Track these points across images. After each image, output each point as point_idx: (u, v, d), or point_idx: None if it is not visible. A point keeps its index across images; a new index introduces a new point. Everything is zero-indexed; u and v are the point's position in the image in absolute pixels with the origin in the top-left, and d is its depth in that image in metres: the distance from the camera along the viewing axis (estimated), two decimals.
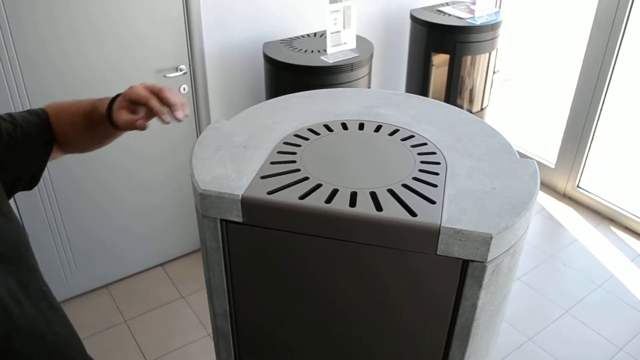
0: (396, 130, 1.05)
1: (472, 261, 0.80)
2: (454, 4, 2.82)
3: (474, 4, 2.73)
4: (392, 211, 0.81)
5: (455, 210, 0.82)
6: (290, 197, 0.84)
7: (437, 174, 0.91)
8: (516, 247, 0.86)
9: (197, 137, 2.35)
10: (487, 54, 2.70)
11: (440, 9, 2.72)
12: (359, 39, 2.33)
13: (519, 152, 3.10)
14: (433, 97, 2.77)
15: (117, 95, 0.97)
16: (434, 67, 2.68)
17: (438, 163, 0.95)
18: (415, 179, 0.90)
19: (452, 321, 0.88)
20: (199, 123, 2.34)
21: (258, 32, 2.34)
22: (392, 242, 0.81)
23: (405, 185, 0.88)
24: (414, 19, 2.64)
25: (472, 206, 0.83)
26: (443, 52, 2.62)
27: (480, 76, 2.77)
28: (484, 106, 2.90)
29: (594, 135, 2.83)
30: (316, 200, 0.83)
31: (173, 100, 0.92)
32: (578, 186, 2.97)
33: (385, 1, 2.71)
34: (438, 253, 0.80)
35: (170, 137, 2.28)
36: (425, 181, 0.89)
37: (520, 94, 4.39)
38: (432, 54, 2.63)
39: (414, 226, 0.79)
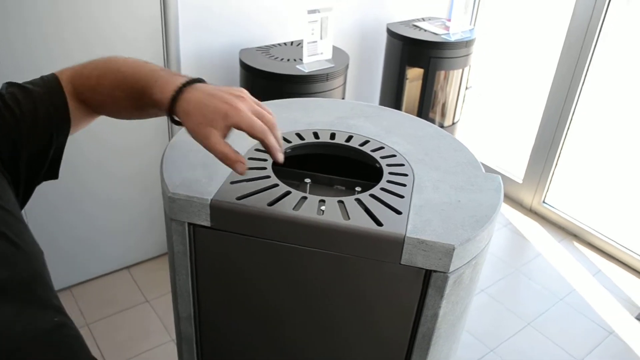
0: (366, 141, 1.07)
1: (435, 271, 0.82)
2: (429, 19, 2.87)
3: (449, 20, 2.78)
4: (359, 220, 0.83)
5: (420, 221, 0.84)
6: (259, 203, 0.85)
7: (404, 185, 0.93)
8: (478, 259, 0.88)
9: (169, 137, 2.35)
10: (460, 70, 2.75)
11: (416, 24, 2.77)
12: (335, 49, 2.35)
13: (487, 167, 3.17)
14: (406, 110, 2.82)
15: (186, 84, 0.76)
16: (408, 81, 2.72)
17: (406, 175, 0.97)
18: (382, 189, 0.92)
19: (413, 330, 0.89)
20: (171, 125, 2.33)
21: (235, 38, 2.34)
22: (358, 251, 0.83)
23: (372, 195, 0.90)
24: (390, 32, 2.68)
25: (437, 218, 0.85)
26: (417, 67, 2.67)
27: (453, 91, 2.82)
28: (455, 120, 2.95)
29: (560, 152, 2.90)
30: (285, 207, 0.84)
31: (280, 138, 0.81)
32: (544, 202, 3.04)
33: (363, 14, 2.74)
34: (402, 262, 0.82)
35: (141, 133, 2.25)
36: (393, 192, 0.91)
37: (492, 109, 4.48)
38: (406, 67, 2.68)
39: (380, 235, 0.81)
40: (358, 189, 0.96)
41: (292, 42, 2.44)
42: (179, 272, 0.93)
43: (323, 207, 0.85)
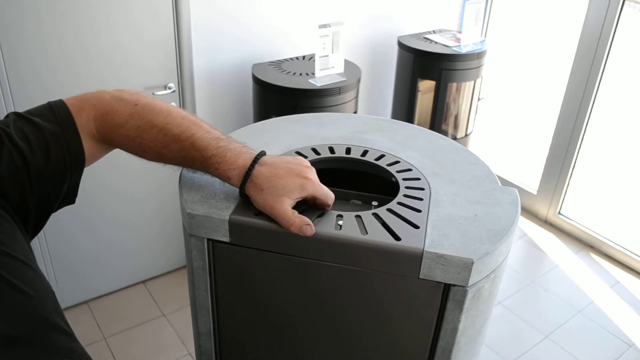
0: (382, 156, 1.08)
1: (454, 285, 0.82)
2: (440, 32, 2.88)
3: (460, 32, 2.79)
4: (377, 235, 0.83)
5: (437, 236, 0.84)
6: None
7: (421, 199, 0.93)
8: (497, 272, 0.88)
9: None
10: (472, 82, 2.75)
11: (427, 36, 2.78)
12: (347, 63, 2.37)
13: (501, 179, 3.16)
14: (419, 123, 2.82)
15: (256, 159, 0.79)
16: (420, 93, 2.73)
17: (422, 189, 0.97)
18: (400, 203, 0.92)
19: (433, 344, 0.89)
20: None
21: (247, 53, 2.37)
22: (376, 265, 0.83)
23: (390, 210, 0.90)
24: (401, 45, 2.69)
25: (455, 232, 0.85)
26: (429, 79, 2.68)
27: (465, 103, 2.82)
28: (468, 132, 2.95)
29: (575, 163, 2.88)
30: None
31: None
32: (559, 213, 3.01)
33: (374, 27, 2.76)
34: (421, 277, 0.82)
35: None
36: (410, 206, 0.91)
37: (505, 120, 4.47)
38: (418, 80, 2.68)
39: (398, 250, 0.81)
40: (375, 203, 0.96)
41: (304, 57, 2.46)
42: (198, 287, 0.94)
43: (341, 222, 0.85)
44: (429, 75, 2.67)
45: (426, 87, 2.72)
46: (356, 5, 2.63)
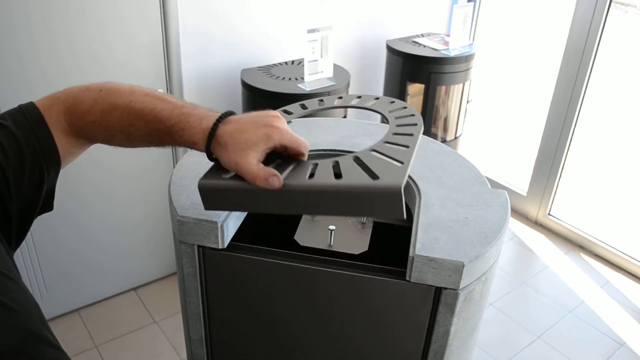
0: (377, 98, 1.06)
1: (445, 288, 0.82)
2: (429, 35, 2.89)
3: (448, 35, 2.81)
4: (353, 177, 0.72)
5: (428, 239, 0.84)
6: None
7: (410, 134, 0.84)
8: (488, 275, 0.88)
9: (173, 160, 2.36)
10: (461, 84, 2.77)
11: (415, 40, 2.79)
12: (336, 67, 2.37)
13: (491, 181, 3.17)
14: None
15: (220, 119, 0.75)
16: (409, 97, 2.74)
17: (415, 124, 0.86)
18: (388, 142, 0.85)
19: (425, 347, 0.89)
20: (176, 148, 2.34)
21: (236, 58, 2.37)
22: (353, 210, 0.73)
23: (375, 151, 0.81)
24: (390, 49, 2.70)
25: (445, 235, 0.85)
26: (418, 82, 2.69)
27: (454, 106, 2.84)
28: (457, 135, 2.96)
29: (564, 164, 2.91)
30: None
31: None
32: (549, 214, 3.03)
33: (362, 31, 2.77)
34: (412, 280, 0.82)
35: (146, 157, 2.27)
36: (398, 143, 0.81)
37: (494, 122, 4.50)
38: (407, 83, 2.69)
39: (374, 189, 0.69)
40: None
41: (292, 61, 2.46)
42: (189, 294, 0.94)
43: (314, 170, 0.75)
44: (417, 79, 2.68)
45: (415, 91, 2.73)
46: (345, 9, 2.64)
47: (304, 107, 1.01)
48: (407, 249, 0.82)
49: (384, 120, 0.93)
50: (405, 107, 0.94)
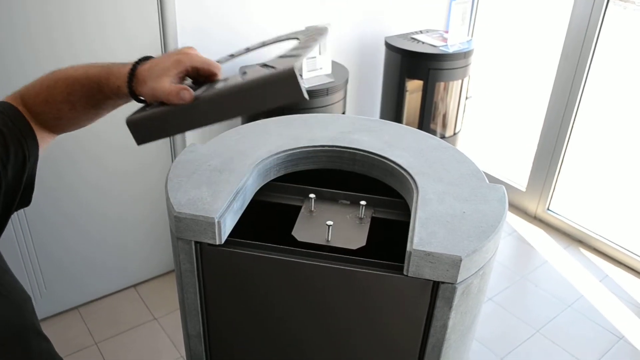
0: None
1: (443, 283, 0.82)
2: (427, 32, 2.89)
3: (446, 32, 2.81)
4: (256, 74, 0.76)
5: (426, 234, 0.84)
6: None
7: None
8: (485, 269, 0.88)
9: (172, 156, 2.36)
10: (460, 81, 2.77)
11: (414, 36, 2.79)
12: (335, 64, 2.37)
13: (490, 176, 3.18)
14: (407, 122, 2.83)
15: (141, 60, 0.81)
16: (408, 93, 2.74)
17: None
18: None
19: (423, 341, 0.89)
20: (174, 145, 2.34)
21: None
22: (257, 104, 0.77)
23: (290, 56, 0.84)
24: (388, 46, 2.70)
25: (443, 230, 0.86)
26: (417, 79, 2.68)
27: (453, 102, 2.84)
28: (456, 131, 2.96)
29: (563, 159, 2.91)
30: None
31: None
32: (548, 209, 3.03)
33: (361, 28, 2.77)
34: (410, 275, 0.82)
35: (144, 155, 2.27)
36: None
37: (493, 118, 4.49)
38: (406, 80, 2.69)
39: (272, 78, 0.74)
40: (363, 202, 0.97)
41: None
42: (187, 290, 0.94)
43: (224, 83, 0.80)
44: (416, 75, 2.68)
45: (414, 87, 2.73)
46: (343, 6, 2.63)
47: (232, 55, 1.08)
48: (404, 244, 0.83)
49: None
50: (317, 27, 0.99)
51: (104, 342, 2.21)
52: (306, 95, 0.73)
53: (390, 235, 1.00)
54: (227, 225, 0.89)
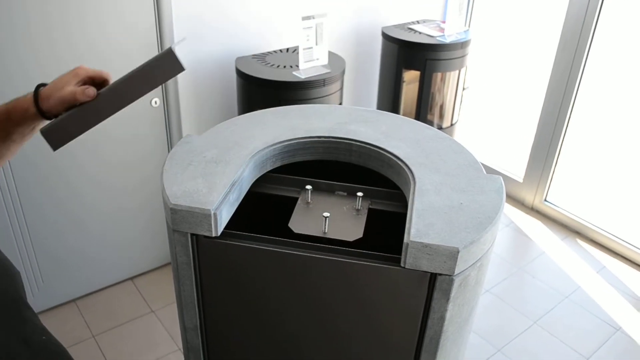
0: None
1: (440, 274, 0.82)
2: (424, 22, 2.87)
3: (444, 22, 2.79)
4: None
5: (423, 225, 0.84)
6: None
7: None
8: (483, 261, 0.88)
9: (168, 149, 2.35)
10: (457, 71, 2.75)
11: (411, 26, 2.77)
12: (331, 55, 2.36)
13: (488, 167, 3.17)
14: (404, 113, 2.82)
15: (40, 86, 0.95)
16: (405, 84, 2.73)
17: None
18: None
19: (420, 333, 0.89)
20: (170, 136, 2.33)
21: (231, 46, 2.35)
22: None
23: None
24: (385, 36, 2.68)
25: (440, 221, 0.85)
26: (414, 69, 2.67)
27: (450, 92, 2.83)
28: (453, 122, 2.95)
29: (560, 150, 2.90)
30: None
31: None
32: (545, 200, 3.03)
33: (357, 18, 2.75)
34: (407, 267, 0.82)
35: (141, 147, 2.26)
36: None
37: (490, 109, 4.48)
38: (403, 70, 2.68)
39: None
40: (360, 194, 0.96)
41: (287, 49, 2.44)
42: (183, 282, 0.93)
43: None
44: (413, 66, 2.66)
45: (411, 78, 2.72)
46: None
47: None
48: (401, 236, 0.82)
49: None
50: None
51: (102, 335, 2.21)
52: (185, 66, 0.90)
53: (387, 227, 0.99)
54: (224, 217, 0.88)
